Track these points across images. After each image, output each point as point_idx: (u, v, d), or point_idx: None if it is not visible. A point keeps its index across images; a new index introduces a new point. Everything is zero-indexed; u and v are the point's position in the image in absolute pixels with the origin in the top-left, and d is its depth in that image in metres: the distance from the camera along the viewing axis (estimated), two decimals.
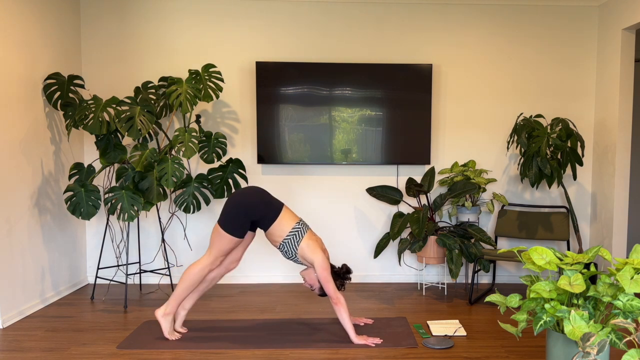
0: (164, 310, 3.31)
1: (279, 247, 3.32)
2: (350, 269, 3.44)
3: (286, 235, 3.27)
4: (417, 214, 4.22)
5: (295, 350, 3.16)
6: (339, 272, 3.40)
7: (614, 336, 2.32)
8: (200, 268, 3.28)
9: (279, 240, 3.29)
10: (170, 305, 3.31)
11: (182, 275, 3.31)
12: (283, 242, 3.28)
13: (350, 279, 3.44)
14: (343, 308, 3.20)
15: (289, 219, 3.30)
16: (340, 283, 3.37)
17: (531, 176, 4.23)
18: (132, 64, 4.64)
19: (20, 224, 3.79)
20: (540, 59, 4.72)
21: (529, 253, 2.58)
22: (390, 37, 4.68)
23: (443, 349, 3.19)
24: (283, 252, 3.32)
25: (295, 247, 3.27)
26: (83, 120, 3.88)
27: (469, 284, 4.73)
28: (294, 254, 3.30)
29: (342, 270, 3.41)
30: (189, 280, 3.28)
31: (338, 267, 3.43)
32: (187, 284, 3.28)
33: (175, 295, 3.30)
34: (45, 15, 4.08)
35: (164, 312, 3.31)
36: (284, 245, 3.29)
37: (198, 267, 3.28)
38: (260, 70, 4.53)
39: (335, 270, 3.39)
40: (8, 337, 3.39)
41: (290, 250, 3.29)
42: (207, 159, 4.22)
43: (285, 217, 3.30)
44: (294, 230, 3.28)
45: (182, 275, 3.31)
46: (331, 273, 3.30)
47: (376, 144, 4.62)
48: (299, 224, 3.31)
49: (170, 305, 3.31)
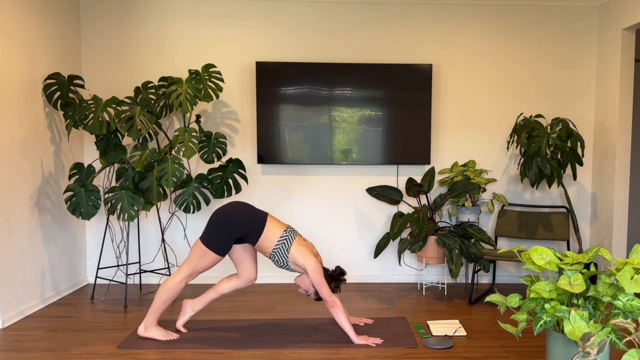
0: (144, 326, 3.32)
1: (269, 257, 3.29)
2: (344, 271, 3.41)
3: (275, 244, 3.24)
4: (417, 214, 4.22)
5: (295, 350, 3.16)
6: (333, 274, 3.38)
7: (614, 336, 2.32)
8: (176, 282, 3.26)
9: (269, 251, 3.26)
10: (149, 319, 3.31)
11: (159, 289, 3.30)
12: (273, 252, 3.25)
13: (344, 281, 3.42)
14: (340, 310, 3.19)
15: (275, 229, 3.26)
16: (335, 285, 3.35)
17: (531, 176, 4.23)
18: (132, 64, 4.64)
19: (20, 224, 3.79)
20: (540, 59, 4.73)
21: (529, 253, 2.58)
22: (390, 37, 4.68)
23: (443, 349, 3.19)
24: (274, 261, 3.29)
25: (285, 255, 3.24)
26: (83, 120, 3.88)
27: (469, 284, 4.73)
28: (285, 262, 3.27)
29: (335, 273, 3.39)
30: (166, 295, 3.27)
31: (332, 270, 3.41)
32: (163, 299, 3.28)
33: (152, 310, 3.30)
34: (45, 16, 4.08)
35: (145, 327, 3.32)
36: (274, 255, 3.26)
37: (173, 281, 3.26)
38: (260, 70, 4.53)
39: (329, 273, 3.37)
40: (8, 337, 3.39)
41: (281, 259, 3.26)
42: (207, 159, 4.22)
43: (272, 227, 3.26)
44: (282, 239, 3.24)
45: (158, 289, 3.30)
46: (325, 276, 3.28)
47: (376, 144, 4.62)
48: (286, 231, 3.27)
49: (149, 319, 3.32)
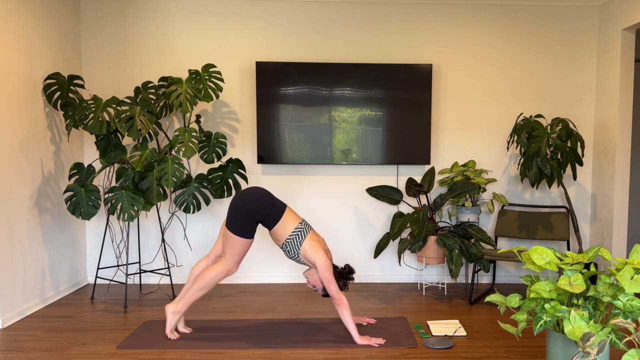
0: (175, 308, 3.31)
1: (282, 246, 3.34)
2: (353, 269, 3.44)
3: (289, 235, 3.28)
4: (417, 214, 4.22)
5: (295, 350, 3.16)
6: (342, 272, 3.40)
7: (614, 336, 2.32)
8: (217, 272, 3.27)
9: (282, 240, 3.30)
10: (182, 304, 3.31)
11: (198, 277, 3.30)
12: (286, 242, 3.29)
13: (353, 279, 3.44)
14: (346, 309, 3.20)
15: (292, 220, 3.32)
16: (343, 283, 3.37)
17: (531, 176, 4.23)
18: (132, 64, 4.64)
19: (20, 224, 3.79)
20: (540, 59, 4.72)
21: (529, 253, 2.58)
22: (390, 37, 4.68)
23: (443, 349, 3.19)
24: (286, 251, 3.34)
25: (297, 247, 3.28)
26: (83, 120, 3.88)
27: (469, 284, 4.73)
28: (297, 254, 3.31)
29: (344, 271, 3.41)
30: (205, 284, 3.27)
31: (341, 267, 3.43)
32: (202, 287, 3.27)
33: (188, 296, 3.29)
34: (45, 16, 4.08)
35: (175, 309, 3.31)
36: (287, 245, 3.30)
37: (214, 271, 3.27)
38: (260, 70, 4.53)
39: (338, 270, 3.39)
40: (8, 337, 3.39)
41: (293, 250, 3.30)
42: (207, 159, 4.22)
43: (289, 217, 3.32)
44: (297, 230, 3.29)
45: (197, 278, 3.30)
46: (334, 273, 3.30)
47: (376, 144, 4.62)
48: (301, 224, 3.32)
49: (181, 304, 3.31)
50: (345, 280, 3.39)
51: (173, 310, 3.31)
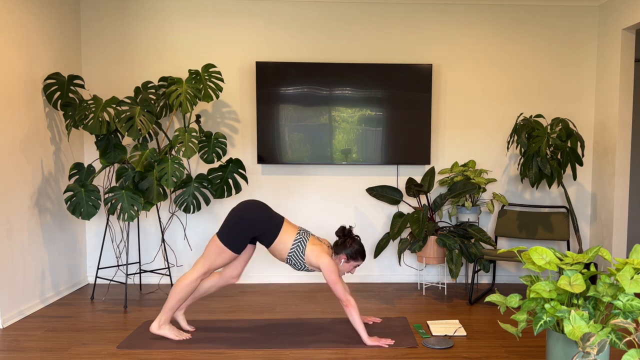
0: (158, 323, 3.30)
1: (287, 261, 3.30)
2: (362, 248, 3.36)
3: (290, 247, 3.24)
4: (417, 214, 4.22)
5: (295, 350, 3.16)
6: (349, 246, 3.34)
7: (614, 336, 2.32)
8: (192, 280, 3.25)
9: (285, 254, 3.27)
10: (163, 317, 3.30)
11: (173, 287, 3.29)
12: (289, 256, 3.26)
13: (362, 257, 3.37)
14: (354, 310, 3.17)
15: (290, 232, 3.27)
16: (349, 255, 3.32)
17: (531, 176, 4.23)
18: (132, 64, 4.64)
19: (20, 224, 3.79)
20: (540, 59, 4.72)
21: (529, 253, 2.58)
22: (390, 37, 4.68)
23: (443, 349, 3.19)
24: (292, 264, 3.30)
25: (301, 257, 3.25)
26: (83, 120, 3.88)
27: (469, 284, 4.73)
28: (303, 264, 3.28)
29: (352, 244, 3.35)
30: (181, 292, 3.25)
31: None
32: (178, 296, 3.26)
33: (167, 307, 3.29)
34: (45, 16, 4.08)
35: (159, 324, 3.30)
36: (291, 259, 3.27)
37: (189, 279, 3.25)
38: (260, 70, 4.53)
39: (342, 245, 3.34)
40: (8, 337, 3.39)
41: (298, 261, 3.27)
42: (207, 159, 4.22)
43: (287, 230, 3.27)
44: (297, 241, 3.25)
45: (173, 287, 3.29)
46: (337, 247, 3.31)
47: (376, 144, 4.62)
48: (299, 233, 3.28)
49: (163, 317, 3.30)
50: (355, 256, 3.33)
51: (157, 326, 3.28)
